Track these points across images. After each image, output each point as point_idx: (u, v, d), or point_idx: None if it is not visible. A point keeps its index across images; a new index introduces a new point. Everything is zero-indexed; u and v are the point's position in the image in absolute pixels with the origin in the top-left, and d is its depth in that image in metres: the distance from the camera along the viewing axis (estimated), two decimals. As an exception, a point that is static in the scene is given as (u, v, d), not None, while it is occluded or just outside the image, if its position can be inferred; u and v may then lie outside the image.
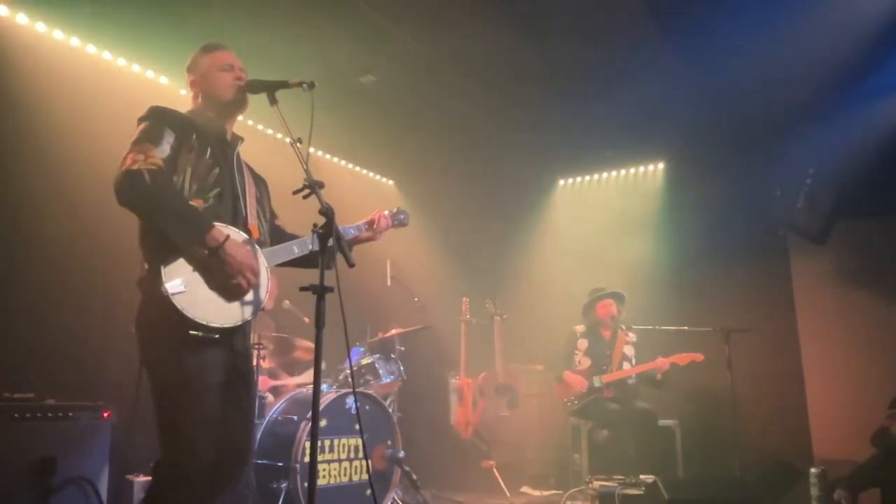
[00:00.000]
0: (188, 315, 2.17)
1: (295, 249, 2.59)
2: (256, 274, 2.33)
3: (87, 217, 4.12)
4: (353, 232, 2.85)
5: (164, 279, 2.16)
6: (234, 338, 2.37)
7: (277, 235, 2.71)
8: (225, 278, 2.25)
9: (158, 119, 2.37)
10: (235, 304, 2.30)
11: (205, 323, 2.20)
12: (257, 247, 2.42)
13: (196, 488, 2.20)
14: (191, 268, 2.22)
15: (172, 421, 2.22)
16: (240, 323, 2.31)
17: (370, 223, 2.90)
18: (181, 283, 2.19)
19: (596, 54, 4.86)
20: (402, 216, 3.08)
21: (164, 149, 2.29)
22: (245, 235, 2.39)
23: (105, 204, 2.20)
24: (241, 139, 2.62)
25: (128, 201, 2.21)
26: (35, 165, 4.08)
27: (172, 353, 2.22)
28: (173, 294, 2.16)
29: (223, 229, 2.28)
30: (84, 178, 4.07)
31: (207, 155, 2.41)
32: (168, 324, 2.18)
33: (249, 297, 2.33)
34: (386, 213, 2.99)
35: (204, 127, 2.47)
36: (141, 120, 2.39)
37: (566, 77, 5.21)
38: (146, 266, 2.28)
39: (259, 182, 2.71)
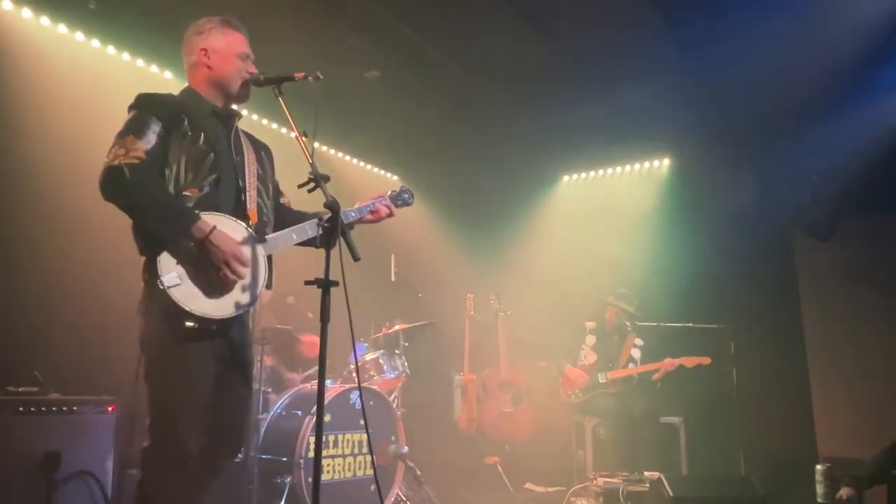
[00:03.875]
0: (185, 307, 2.16)
1: (294, 237, 2.53)
2: (245, 263, 2.28)
3: (89, 210, 4.09)
4: (353, 215, 2.72)
5: (160, 272, 2.16)
6: (230, 328, 2.35)
7: (282, 215, 2.63)
8: (212, 270, 2.22)
9: (144, 108, 2.32)
10: (230, 295, 2.27)
11: (201, 315, 2.19)
12: (254, 236, 2.37)
13: (185, 475, 2.20)
14: (182, 259, 2.21)
15: (162, 408, 2.22)
16: (235, 314, 2.29)
17: (373, 212, 2.77)
18: (177, 275, 2.18)
19: (600, 49, 4.85)
20: (407, 195, 2.95)
21: (150, 139, 2.24)
22: (241, 225, 2.34)
23: (106, 198, 2.19)
24: (239, 115, 2.55)
25: (110, 198, 2.20)
26: (38, 160, 4.08)
27: (168, 343, 2.22)
28: (169, 287, 2.16)
29: (210, 219, 2.23)
30: (88, 173, 4.05)
31: (201, 141, 2.34)
32: (165, 314, 2.18)
33: (245, 287, 2.30)
34: (387, 199, 2.85)
35: (196, 109, 2.40)
36: (129, 109, 2.34)
37: (570, 72, 5.19)
38: (144, 258, 2.26)
39: (260, 154, 2.61)
